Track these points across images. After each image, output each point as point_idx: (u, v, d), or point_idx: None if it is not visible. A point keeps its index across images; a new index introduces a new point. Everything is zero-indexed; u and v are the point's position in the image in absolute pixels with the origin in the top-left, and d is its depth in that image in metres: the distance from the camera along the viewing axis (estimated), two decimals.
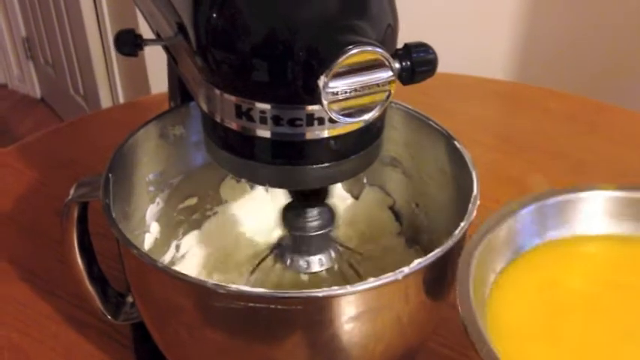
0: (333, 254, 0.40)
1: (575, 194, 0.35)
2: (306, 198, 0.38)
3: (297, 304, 0.32)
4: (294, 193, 0.38)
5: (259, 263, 0.42)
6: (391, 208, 0.49)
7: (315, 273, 0.39)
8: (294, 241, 0.39)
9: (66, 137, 0.75)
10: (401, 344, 0.38)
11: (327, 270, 0.40)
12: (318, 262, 0.39)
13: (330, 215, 0.39)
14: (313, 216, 0.38)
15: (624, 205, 0.35)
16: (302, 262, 0.39)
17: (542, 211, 0.35)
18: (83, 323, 0.50)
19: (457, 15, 1.39)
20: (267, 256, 0.41)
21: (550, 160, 0.70)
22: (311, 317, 0.33)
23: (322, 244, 0.39)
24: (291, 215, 0.38)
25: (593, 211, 0.35)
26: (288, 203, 0.39)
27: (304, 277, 0.41)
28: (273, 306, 0.31)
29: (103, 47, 1.61)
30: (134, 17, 1.32)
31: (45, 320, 0.51)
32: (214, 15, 0.31)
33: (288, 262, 0.39)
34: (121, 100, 1.65)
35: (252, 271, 0.43)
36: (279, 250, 0.40)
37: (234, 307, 0.32)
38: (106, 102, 1.68)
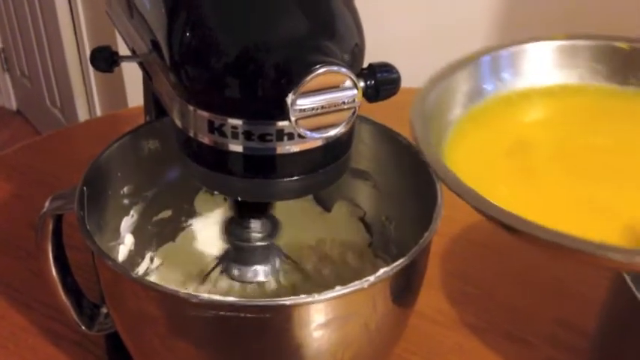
0: (277, 264, 0.41)
1: (524, 45, 0.37)
2: (249, 210, 0.39)
3: (266, 312, 0.33)
4: (237, 206, 0.39)
5: (207, 275, 0.44)
6: (362, 220, 0.51)
7: (260, 282, 0.41)
8: (239, 252, 0.40)
9: (43, 150, 0.76)
10: (369, 351, 0.39)
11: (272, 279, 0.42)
12: (263, 272, 0.41)
13: (273, 226, 0.40)
14: (256, 228, 0.40)
15: (570, 55, 0.37)
16: (248, 273, 0.40)
17: (496, 61, 0.36)
18: (59, 335, 0.51)
19: (432, 30, 1.42)
20: (213, 268, 0.43)
21: None
22: (280, 325, 0.34)
23: (266, 254, 0.41)
24: (234, 227, 0.40)
25: (542, 62, 0.36)
26: (232, 216, 0.40)
27: (251, 288, 0.43)
28: (243, 314, 0.33)
29: (80, 59, 1.61)
30: (111, 30, 1.32)
31: (21, 332, 0.51)
32: (187, 33, 0.32)
33: (235, 272, 0.41)
34: (98, 112, 1.65)
35: (203, 281, 0.44)
36: (224, 262, 0.41)
37: (205, 316, 0.33)
38: (82, 114, 1.68)
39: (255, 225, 0.40)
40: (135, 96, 1.42)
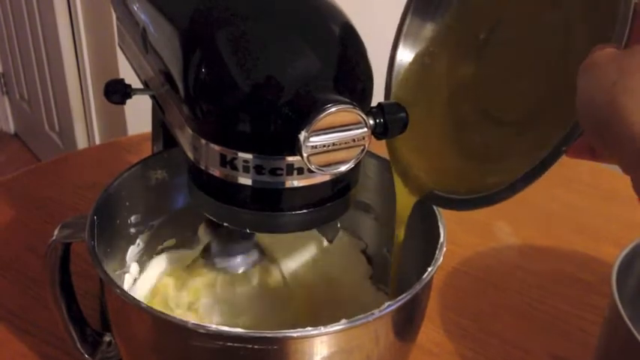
0: (257, 255, 0.44)
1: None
2: None
3: (273, 343, 0.33)
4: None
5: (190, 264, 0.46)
6: (363, 252, 0.52)
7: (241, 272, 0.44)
8: (220, 245, 0.43)
9: (44, 175, 0.76)
10: None
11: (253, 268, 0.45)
12: (243, 263, 0.44)
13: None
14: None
15: None
16: (230, 263, 0.43)
17: None
18: None
19: None
20: (196, 259, 0.45)
21: (515, 206, 0.73)
22: (286, 356, 0.34)
23: (247, 246, 0.44)
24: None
25: None
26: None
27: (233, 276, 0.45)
28: (250, 345, 0.33)
29: (81, 85, 1.61)
30: (113, 54, 1.34)
31: (21, 359, 0.51)
32: (203, 69, 0.33)
33: (217, 263, 0.43)
34: (97, 138, 1.65)
35: (188, 267, 0.47)
36: (206, 254, 0.44)
37: (212, 347, 0.34)
38: (81, 140, 1.68)
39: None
40: (135, 123, 1.42)
